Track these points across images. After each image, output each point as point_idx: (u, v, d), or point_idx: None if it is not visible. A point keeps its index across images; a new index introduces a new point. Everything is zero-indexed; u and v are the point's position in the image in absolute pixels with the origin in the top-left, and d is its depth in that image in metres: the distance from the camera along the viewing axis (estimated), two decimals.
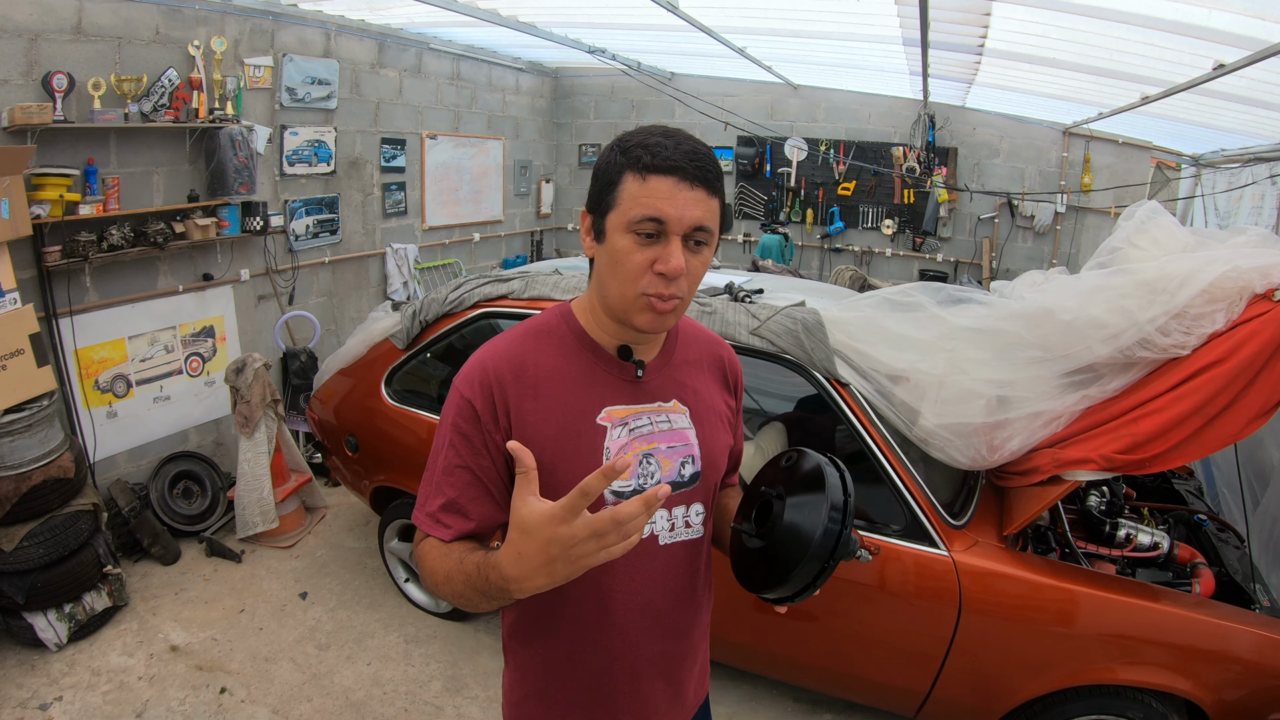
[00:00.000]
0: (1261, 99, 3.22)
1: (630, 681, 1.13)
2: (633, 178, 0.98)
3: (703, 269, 1.02)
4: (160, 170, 3.66)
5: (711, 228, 1.00)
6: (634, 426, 1.08)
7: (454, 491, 1.04)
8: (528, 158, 6.99)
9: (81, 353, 3.43)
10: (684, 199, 0.97)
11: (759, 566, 1.09)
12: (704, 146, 1.01)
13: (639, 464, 1.08)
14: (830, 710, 2.70)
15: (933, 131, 6.15)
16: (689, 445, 1.13)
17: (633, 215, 0.97)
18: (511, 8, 4.28)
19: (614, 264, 1.01)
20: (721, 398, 1.23)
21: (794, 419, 2.80)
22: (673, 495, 1.11)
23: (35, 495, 2.79)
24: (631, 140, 1.00)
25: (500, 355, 1.07)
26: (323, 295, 4.92)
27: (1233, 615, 2.02)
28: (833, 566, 1.03)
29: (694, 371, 1.19)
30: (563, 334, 1.10)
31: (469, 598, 0.96)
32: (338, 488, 4.19)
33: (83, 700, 2.60)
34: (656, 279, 0.99)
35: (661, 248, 0.98)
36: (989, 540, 2.20)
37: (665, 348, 1.16)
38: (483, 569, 0.92)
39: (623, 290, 1.01)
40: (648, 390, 1.11)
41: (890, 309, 2.51)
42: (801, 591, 1.05)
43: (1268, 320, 1.93)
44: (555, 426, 1.04)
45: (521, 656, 1.18)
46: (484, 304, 2.85)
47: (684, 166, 0.96)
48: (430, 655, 2.93)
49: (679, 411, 1.13)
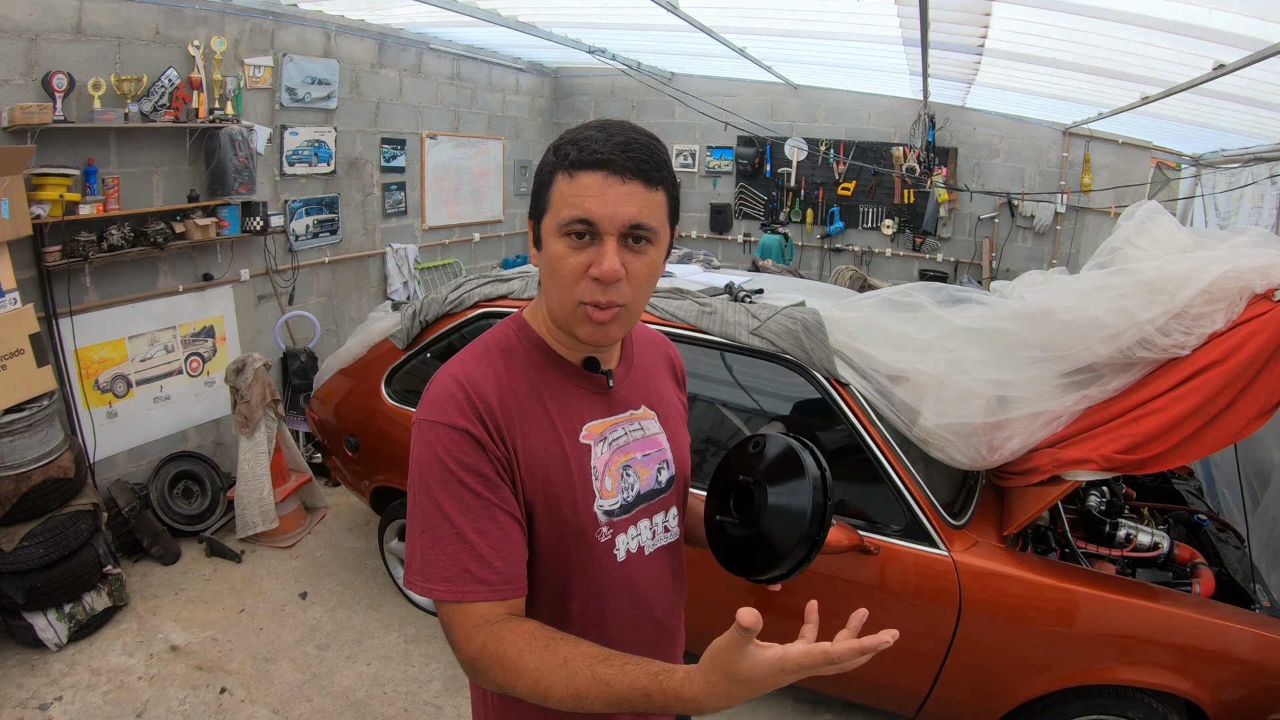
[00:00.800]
0: (1261, 99, 3.22)
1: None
2: (562, 177, 0.90)
3: (649, 270, 0.93)
4: (160, 170, 3.66)
5: (652, 224, 0.91)
6: (612, 439, 1.03)
7: (485, 539, 0.89)
8: (528, 158, 6.99)
9: (81, 353, 3.43)
10: (614, 195, 0.88)
11: (748, 553, 1.10)
12: (643, 136, 0.92)
13: (620, 477, 1.03)
14: (830, 710, 2.70)
15: (933, 131, 6.15)
16: (663, 450, 1.10)
17: (562, 217, 0.90)
18: (511, 8, 4.28)
19: (550, 271, 0.93)
20: (676, 396, 1.21)
21: (794, 419, 2.80)
22: (652, 503, 1.08)
23: (35, 495, 2.79)
24: (565, 138, 0.93)
25: (475, 376, 0.96)
26: (323, 295, 4.92)
27: (1233, 615, 2.02)
28: (823, 538, 1.04)
29: (652, 374, 1.16)
30: (526, 350, 1.02)
31: (594, 706, 0.82)
32: (338, 488, 4.19)
33: (83, 700, 2.60)
34: (592, 285, 0.90)
35: (595, 250, 0.90)
36: (989, 540, 2.20)
37: (625, 354, 1.11)
38: (651, 695, 0.79)
39: (561, 300, 0.94)
40: (618, 400, 1.07)
41: (890, 309, 2.51)
42: (796, 568, 1.06)
43: (1268, 320, 1.93)
44: (545, 453, 0.96)
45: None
46: (484, 304, 2.85)
47: (613, 159, 0.88)
48: (430, 655, 2.93)
49: (649, 417, 1.10)
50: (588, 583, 1.02)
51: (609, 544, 1.02)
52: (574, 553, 1.00)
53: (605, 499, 1.01)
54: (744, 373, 2.59)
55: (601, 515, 1.01)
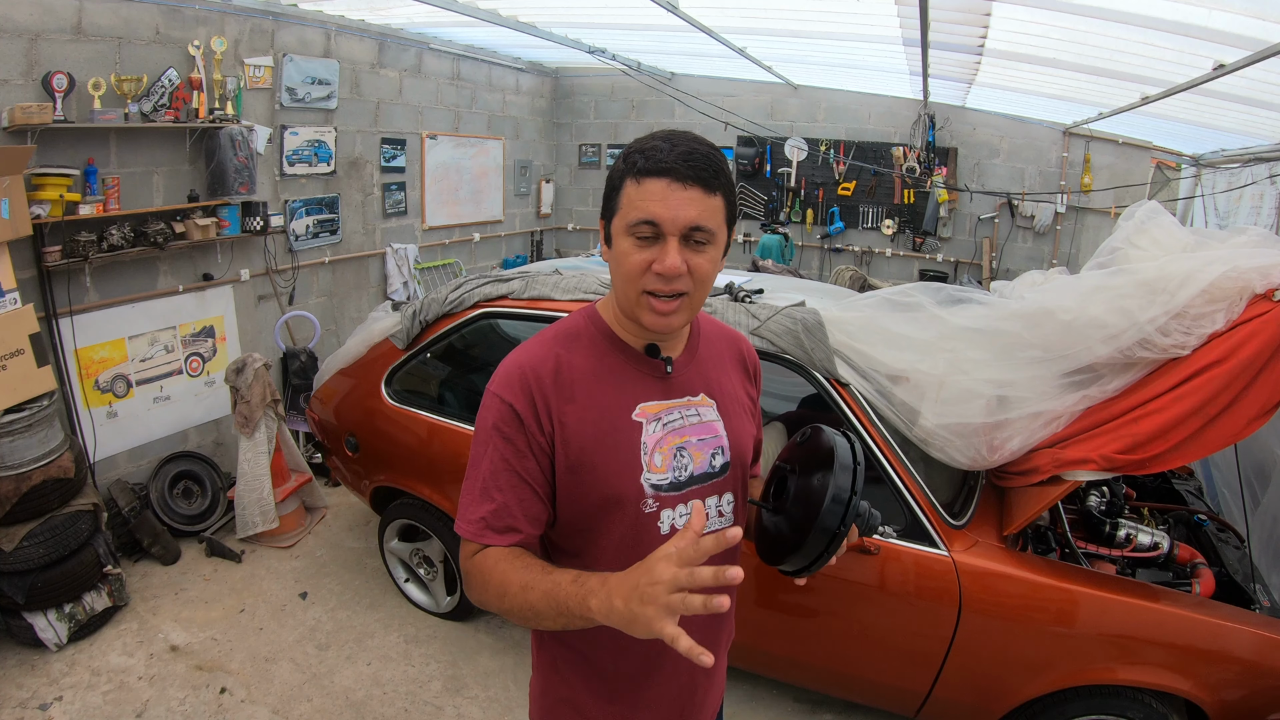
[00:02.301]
0: (1261, 99, 3.22)
1: (673, 679, 1.16)
2: (630, 183, 1.02)
3: (710, 266, 1.04)
4: (160, 170, 3.66)
5: (710, 226, 1.01)
6: (666, 421, 1.12)
7: (504, 496, 1.05)
8: (528, 158, 6.99)
9: (81, 353, 3.43)
10: (677, 200, 0.99)
11: (775, 539, 1.12)
12: (704, 146, 1.02)
13: (673, 457, 1.11)
14: (830, 710, 2.70)
15: (933, 131, 6.15)
16: (718, 437, 1.16)
17: (630, 219, 1.01)
18: (511, 8, 4.28)
19: (618, 266, 1.05)
20: (744, 389, 1.27)
21: (794, 419, 2.80)
22: (706, 486, 1.14)
23: (35, 495, 2.79)
24: (633, 147, 1.04)
25: (536, 359, 1.09)
26: (323, 295, 4.92)
27: (1233, 615, 2.02)
28: (844, 534, 1.06)
29: (718, 365, 1.22)
30: (592, 335, 1.13)
31: (539, 609, 0.96)
32: (338, 488, 4.19)
33: (83, 700, 2.60)
34: (655, 279, 1.01)
35: (659, 249, 1.01)
36: (989, 540, 2.20)
37: (690, 344, 1.19)
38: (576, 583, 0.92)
39: (626, 290, 1.05)
40: (677, 385, 1.15)
41: (890, 309, 2.51)
42: (815, 561, 1.09)
43: (1268, 320, 1.93)
44: (593, 426, 1.07)
45: (556, 656, 1.19)
46: (484, 304, 2.85)
47: (676, 167, 0.99)
48: (430, 655, 2.93)
49: (707, 405, 1.17)
50: (630, 550, 1.08)
51: (653, 515, 1.09)
52: (612, 519, 1.09)
53: (654, 473, 1.09)
54: None
55: (649, 488, 1.09)
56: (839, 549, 1.08)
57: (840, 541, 1.06)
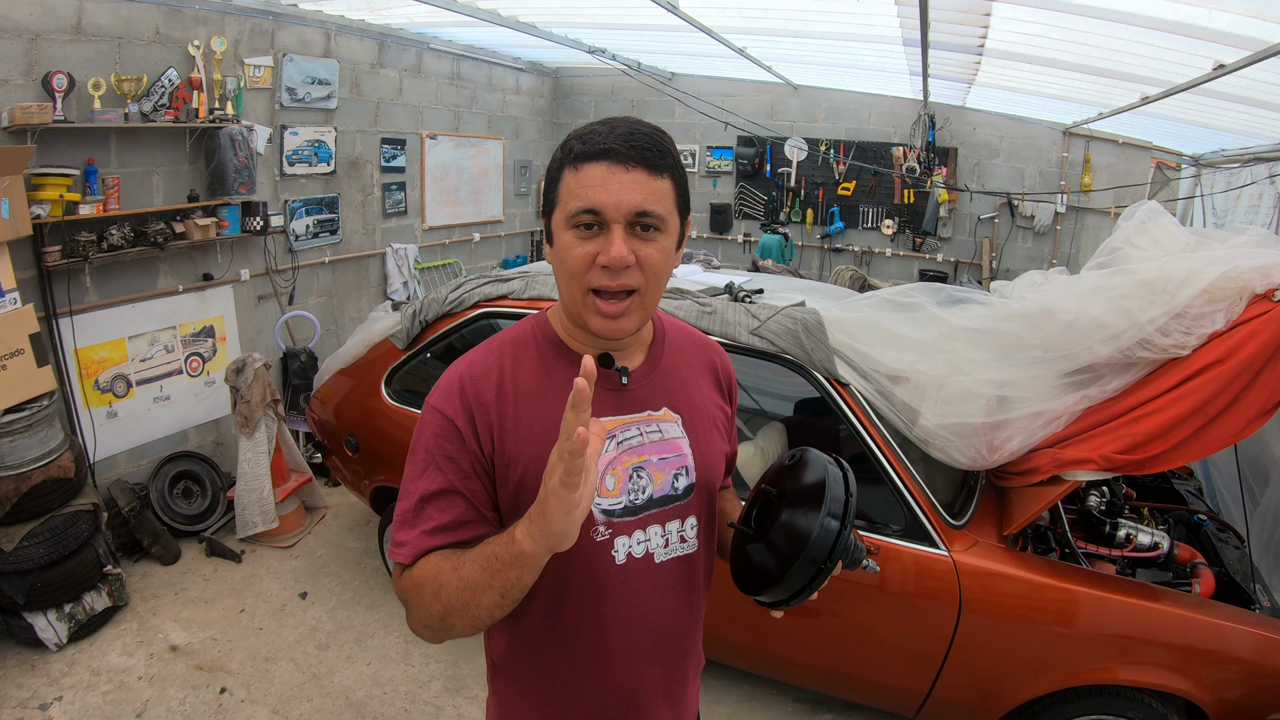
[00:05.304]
0: (1261, 99, 3.22)
1: (634, 710, 1.07)
2: (569, 171, 0.93)
3: (661, 257, 0.94)
4: (160, 170, 3.66)
5: (659, 211, 0.92)
6: (622, 439, 1.01)
7: (444, 517, 0.96)
8: (528, 158, 6.99)
9: (81, 353, 3.43)
10: (619, 183, 0.90)
11: (755, 568, 1.05)
12: (647, 127, 0.93)
13: (629, 479, 1.01)
14: (830, 710, 2.70)
15: (933, 131, 6.15)
16: (682, 456, 1.05)
17: (570, 209, 0.92)
18: (511, 8, 4.28)
19: (560, 264, 0.95)
20: (715, 402, 1.15)
21: (794, 419, 2.80)
22: (666, 510, 1.04)
23: (35, 495, 2.79)
24: (571, 134, 0.96)
25: (478, 370, 1.01)
26: (323, 295, 4.92)
27: (1233, 615, 2.02)
28: (829, 569, 0.98)
29: (685, 376, 1.11)
30: (539, 344, 1.04)
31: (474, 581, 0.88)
32: (338, 488, 4.19)
33: (83, 700, 2.60)
34: (601, 273, 0.92)
35: (603, 239, 0.91)
36: (989, 540, 2.20)
37: (652, 353, 1.09)
38: (503, 534, 0.88)
39: (571, 290, 0.95)
40: (635, 399, 1.04)
41: (890, 309, 2.51)
42: (796, 595, 1.00)
43: (1268, 320, 1.93)
44: (538, 445, 0.96)
45: (509, 691, 1.10)
46: (484, 304, 2.85)
47: (616, 148, 0.90)
48: (430, 655, 2.93)
49: (670, 420, 1.06)
50: (582, 581, 1.01)
51: (606, 544, 1.00)
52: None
53: (604, 497, 1.00)
54: (744, 373, 2.56)
55: (599, 514, 0.99)
56: (823, 583, 0.99)
57: (826, 576, 0.98)
